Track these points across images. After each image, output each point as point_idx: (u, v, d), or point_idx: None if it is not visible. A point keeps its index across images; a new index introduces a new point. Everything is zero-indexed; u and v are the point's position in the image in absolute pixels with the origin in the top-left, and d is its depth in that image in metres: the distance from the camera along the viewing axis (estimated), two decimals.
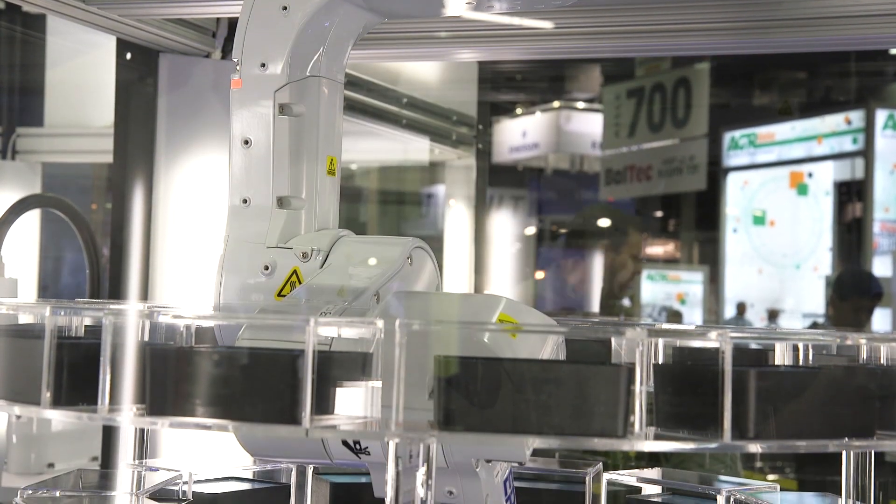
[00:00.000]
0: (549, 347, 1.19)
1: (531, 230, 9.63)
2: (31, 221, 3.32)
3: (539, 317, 1.23)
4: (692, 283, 7.81)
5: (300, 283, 1.32)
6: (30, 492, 1.33)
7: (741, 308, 7.67)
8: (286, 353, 0.98)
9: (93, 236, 2.60)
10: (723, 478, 1.56)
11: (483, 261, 4.49)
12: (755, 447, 0.99)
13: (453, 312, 1.24)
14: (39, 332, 1.07)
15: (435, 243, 3.17)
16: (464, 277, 4.15)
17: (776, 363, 1.19)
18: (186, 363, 1.00)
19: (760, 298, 7.67)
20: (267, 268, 1.33)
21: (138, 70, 2.38)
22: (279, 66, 1.36)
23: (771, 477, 4.91)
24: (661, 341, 1.08)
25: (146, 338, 1.10)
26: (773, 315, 7.60)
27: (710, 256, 7.89)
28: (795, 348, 1.19)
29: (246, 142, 1.37)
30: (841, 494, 1.32)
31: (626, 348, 1.00)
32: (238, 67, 1.37)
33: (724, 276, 7.65)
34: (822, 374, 1.03)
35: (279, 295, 1.32)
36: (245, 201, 1.37)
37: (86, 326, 1.18)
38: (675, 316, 7.45)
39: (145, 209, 2.35)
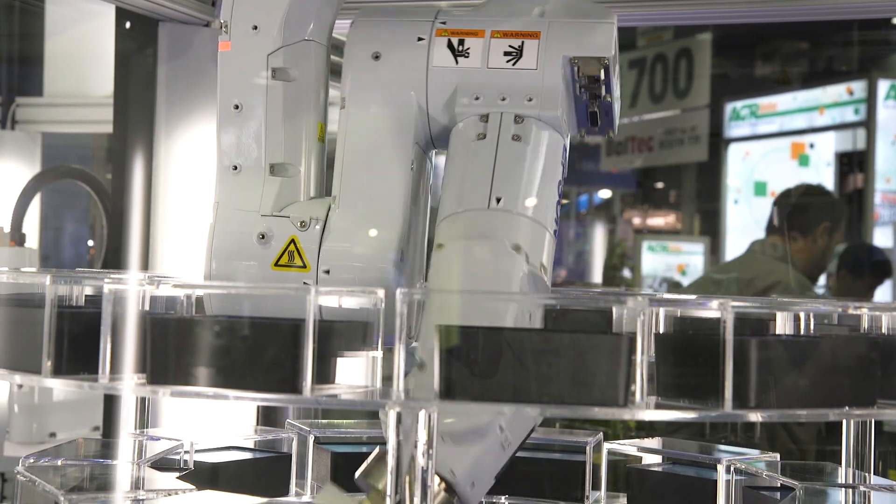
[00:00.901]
0: None
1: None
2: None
3: None
4: (693, 254, 7.78)
5: (298, 252, 1.31)
6: (31, 461, 1.33)
7: None
8: (287, 322, 0.98)
9: (115, 208, 2.58)
10: (722, 447, 1.56)
11: None
12: (756, 416, 0.99)
13: None
14: (40, 302, 1.07)
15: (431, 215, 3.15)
16: None
17: (777, 332, 1.19)
18: (187, 333, 1.00)
19: None
20: (263, 236, 1.31)
21: (138, 39, 2.37)
22: (273, 29, 1.33)
23: None
24: (662, 311, 1.07)
25: (147, 307, 1.10)
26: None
27: (711, 227, 7.87)
28: (797, 318, 1.19)
29: (236, 106, 1.33)
30: (841, 464, 1.33)
31: (628, 318, 1.00)
32: (225, 30, 1.33)
33: (724, 248, 7.64)
34: (823, 344, 1.03)
35: (276, 264, 1.31)
36: (235, 168, 1.34)
37: (86, 296, 1.18)
38: (676, 287, 7.43)
39: (145, 179, 2.35)
